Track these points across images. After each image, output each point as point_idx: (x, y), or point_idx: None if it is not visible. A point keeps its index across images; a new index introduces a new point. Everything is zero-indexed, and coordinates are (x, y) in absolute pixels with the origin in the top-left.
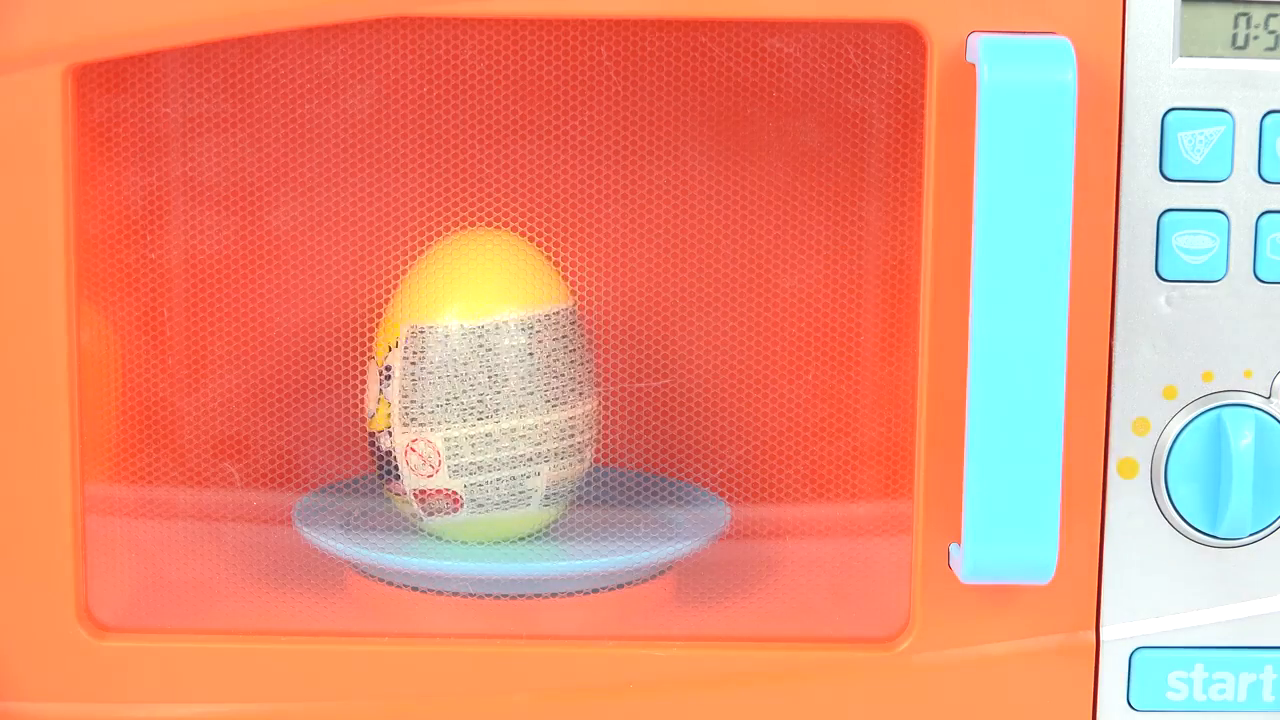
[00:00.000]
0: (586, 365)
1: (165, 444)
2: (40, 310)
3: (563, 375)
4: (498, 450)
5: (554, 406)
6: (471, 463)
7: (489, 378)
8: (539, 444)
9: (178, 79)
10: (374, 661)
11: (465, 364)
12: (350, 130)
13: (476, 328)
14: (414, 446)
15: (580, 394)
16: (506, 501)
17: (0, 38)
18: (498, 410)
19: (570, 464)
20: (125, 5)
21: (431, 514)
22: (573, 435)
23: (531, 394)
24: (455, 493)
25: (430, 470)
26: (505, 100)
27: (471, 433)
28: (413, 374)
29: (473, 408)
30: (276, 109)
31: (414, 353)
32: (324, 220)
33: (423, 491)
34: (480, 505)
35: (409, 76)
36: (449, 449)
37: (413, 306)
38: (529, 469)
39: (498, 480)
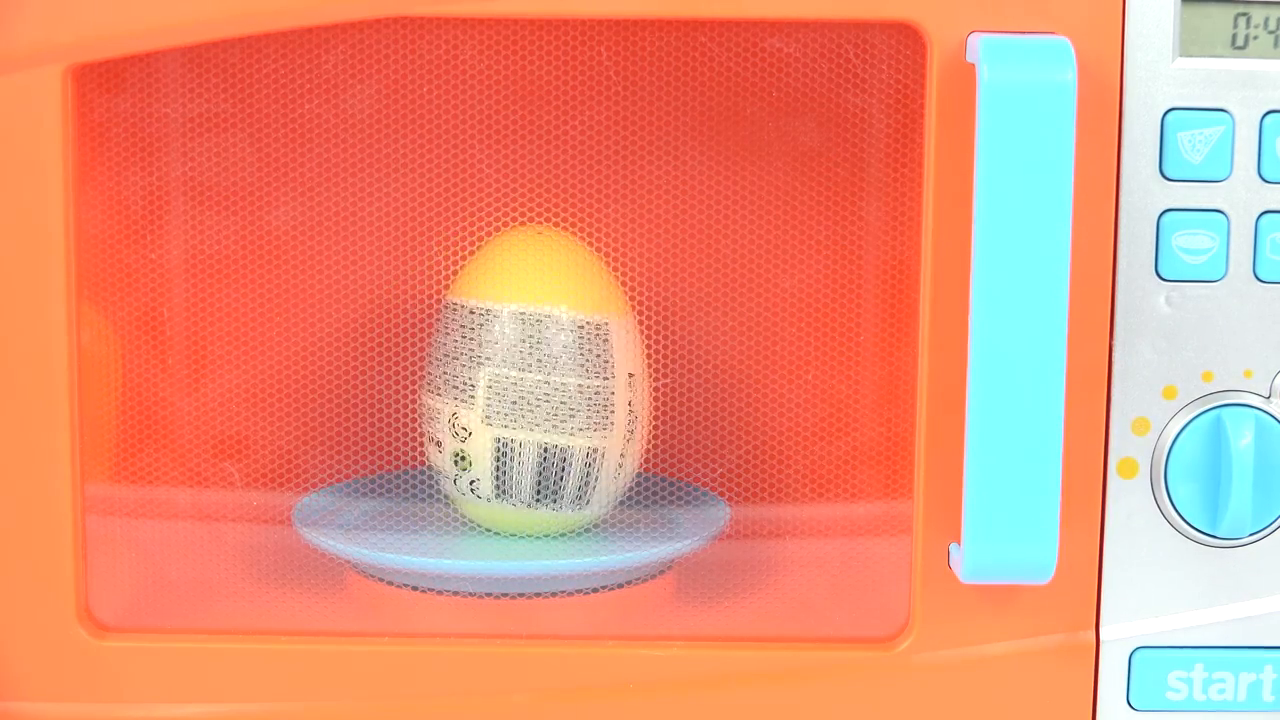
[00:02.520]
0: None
1: (165, 444)
2: (40, 310)
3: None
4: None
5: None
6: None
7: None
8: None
9: (177, 79)
10: (374, 661)
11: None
12: (350, 130)
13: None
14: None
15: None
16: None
17: (0, 38)
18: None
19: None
20: (125, 5)
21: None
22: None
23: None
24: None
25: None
26: (503, 100)
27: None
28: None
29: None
30: (276, 109)
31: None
32: (324, 220)
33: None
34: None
35: (409, 76)
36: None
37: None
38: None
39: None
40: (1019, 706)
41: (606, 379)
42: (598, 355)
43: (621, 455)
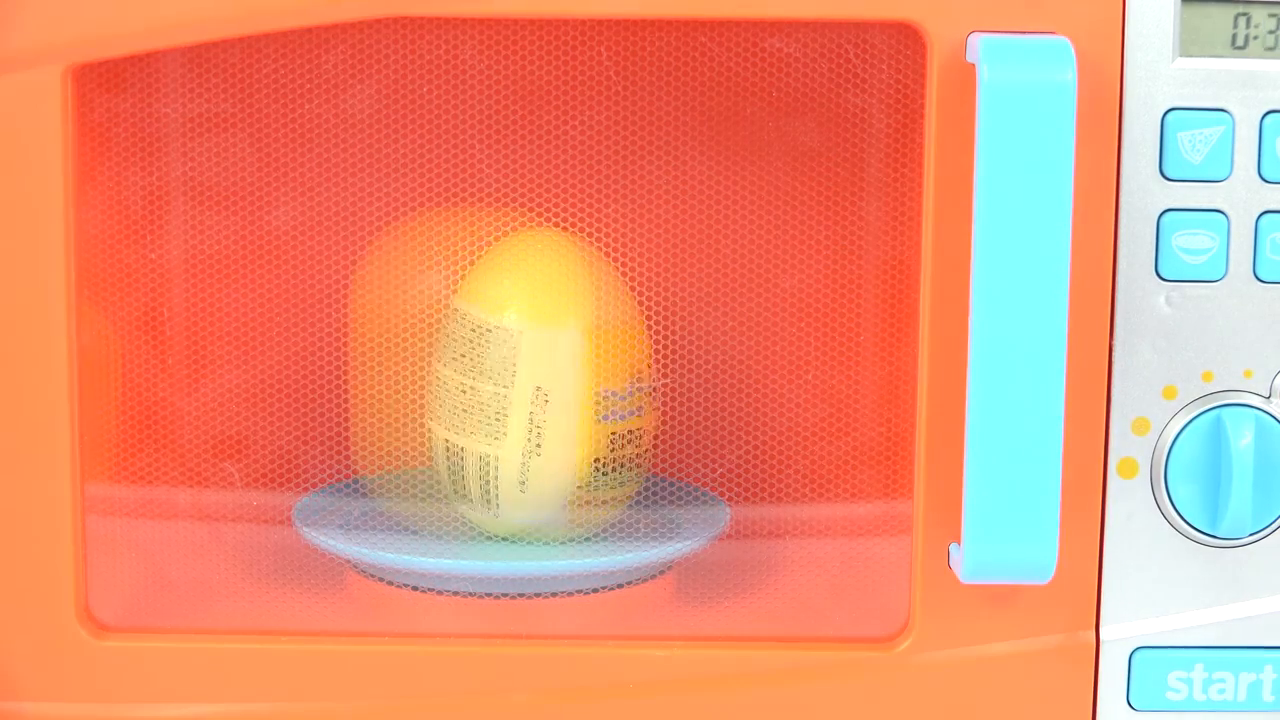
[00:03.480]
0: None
1: (165, 444)
2: (40, 310)
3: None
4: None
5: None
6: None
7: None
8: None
9: (178, 79)
10: (374, 661)
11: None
12: (350, 130)
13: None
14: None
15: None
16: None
17: (0, 38)
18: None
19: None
20: (125, 5)
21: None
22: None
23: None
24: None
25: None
26: (503, 100)
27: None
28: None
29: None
30: (276, 109)
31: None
32: (324, 220)
33: None
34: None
35: (409, 76)
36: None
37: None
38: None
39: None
40: (1019, 706)
41: (498, 386)
42: (498, 360)
43: (524, 469)
